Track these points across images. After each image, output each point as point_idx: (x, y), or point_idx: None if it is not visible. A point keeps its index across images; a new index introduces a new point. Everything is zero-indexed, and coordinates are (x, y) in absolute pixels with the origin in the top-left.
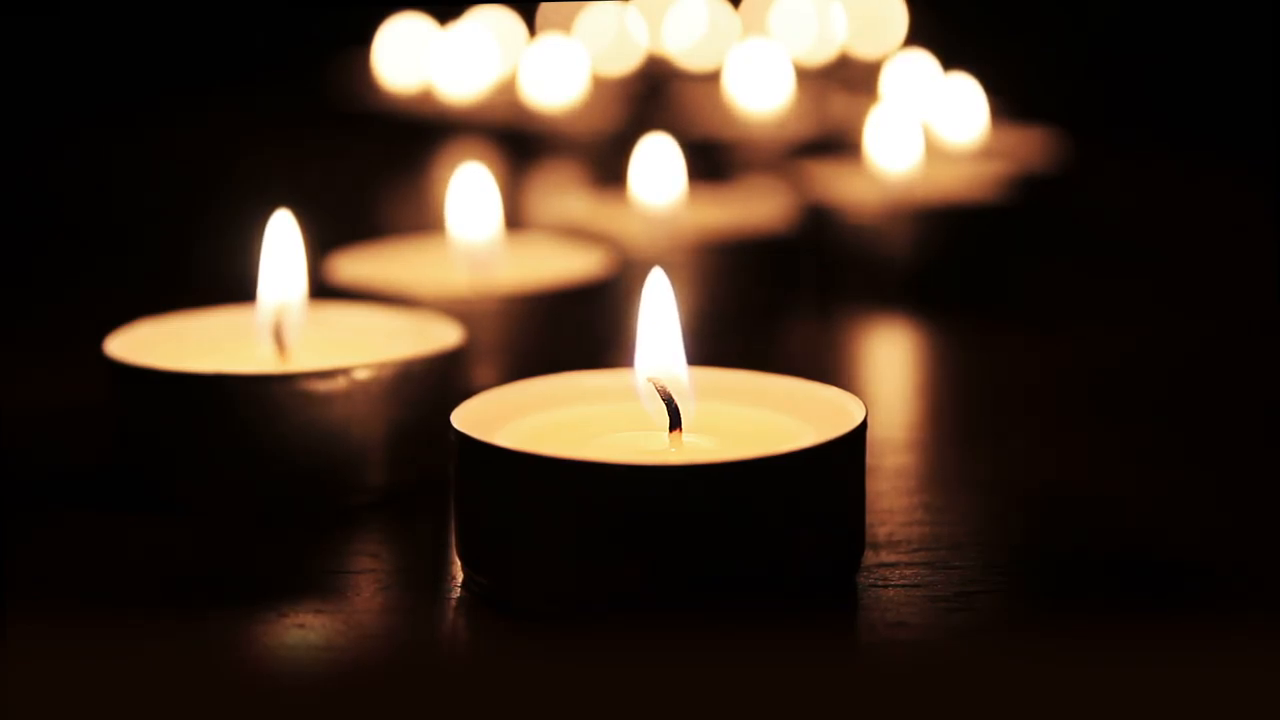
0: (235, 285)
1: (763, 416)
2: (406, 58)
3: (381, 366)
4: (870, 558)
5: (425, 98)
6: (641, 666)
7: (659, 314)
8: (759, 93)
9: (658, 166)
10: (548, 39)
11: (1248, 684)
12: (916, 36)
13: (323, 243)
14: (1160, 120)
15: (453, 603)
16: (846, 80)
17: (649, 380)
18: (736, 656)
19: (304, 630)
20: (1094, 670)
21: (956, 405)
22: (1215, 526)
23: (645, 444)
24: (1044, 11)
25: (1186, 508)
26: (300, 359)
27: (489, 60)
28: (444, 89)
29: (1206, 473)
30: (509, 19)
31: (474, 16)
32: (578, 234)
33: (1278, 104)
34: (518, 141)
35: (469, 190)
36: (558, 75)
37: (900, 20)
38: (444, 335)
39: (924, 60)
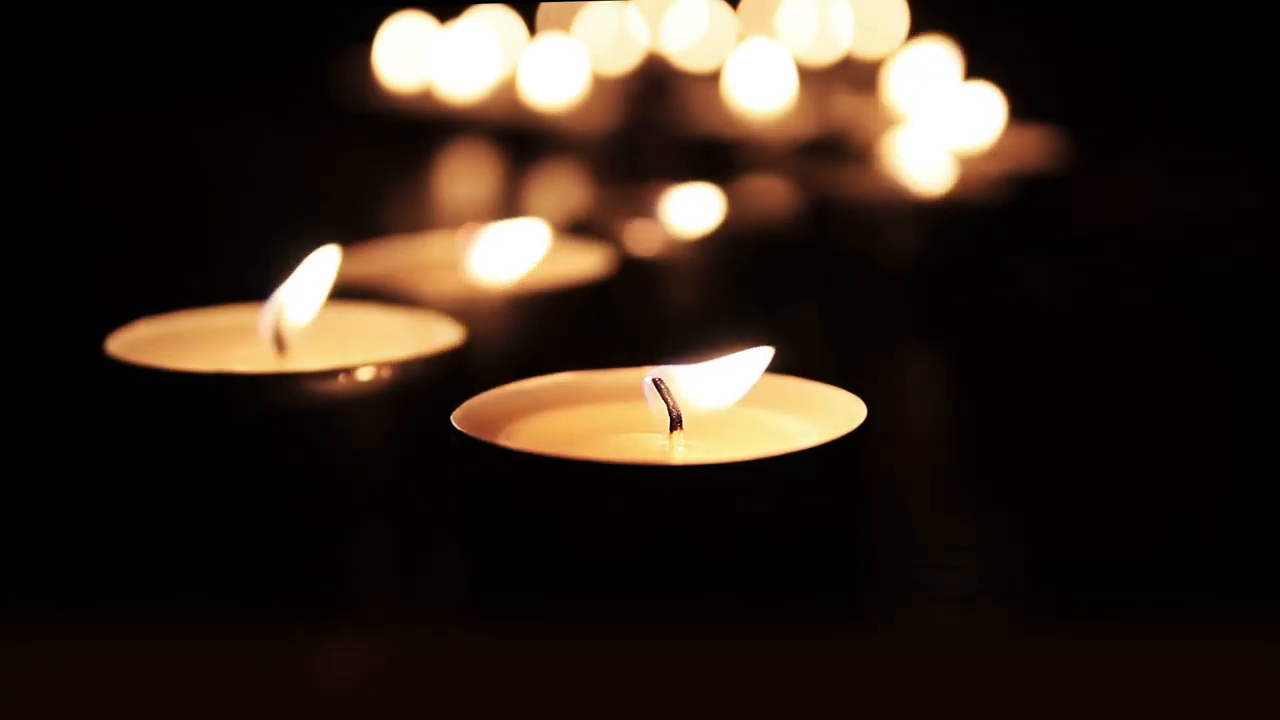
0: (235, 285)
1: (763, 416)
2: (407, 57)
3: (381, 366)
4: (871, 558)
5: (426, 97)
6: (641, 667)
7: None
8: (762, 92)
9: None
10: (548, 39)
11: (1248, 684)
12: (917, 37)
13: (323, 243)
14: (1161, 120)
15: (454, 603)
16: (849, 79)
17: (651, 380)
18: (737, 656)
19: (305, 630)
20: (1095, 670)
21: (958, 405)
22: (1215, 526)
23: (645, 444)
24: (1044, 11)
25: (1187, 508)
26: (300, 359)
27: (489, 59)
28: (444, 88)
29: (1207, 473)
30: (509, 18)
31: (474, 16)
32: (578, 234)
33: (1278, 104)
34: (518, 140)
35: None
36: (558, 74)
37: (901, 20)
38: (444, 335)
39: (936, 57)
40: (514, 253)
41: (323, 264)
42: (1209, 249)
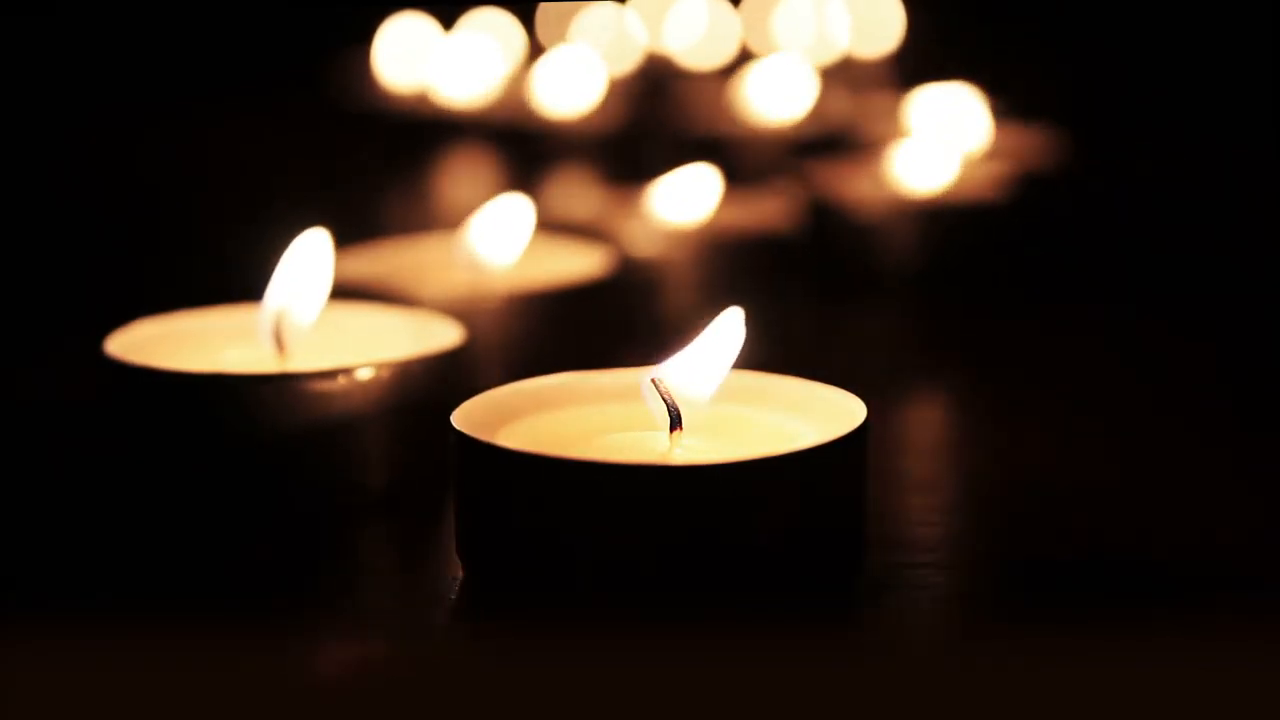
0: (235, 285)
1: (763, 416)
2: (407, 57)
3: (381, 366)
4: (870, 558)
5: (426, 97)
6: (642, 667)
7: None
8: (770, 94)
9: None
10: (563, 48)
11: (1247, 684)
12: (913, 36)
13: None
14: (1161, 119)
15: (453, 603)
16: (849, 79)
17: (651, 380)
18: (736, 656)
19: (304, 630)
20: (1093, 670)
21: (958, 405)
22: (1215, 527)
23: (645, 444)
24: (1043, 10)
25: (1187, 508)
26: (300, 359)
27: (489, 61)
28: (445, 89)
29: (1208, 474)
30: (507, 19)
31: (474, 17)
32: (578, 234)
33: (1278, 103)
34: (519, 141)
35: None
36: (567, 81)
37: (897, 21)
38: (444, 335)
39: (954, 91)
40: (506, 238)
41: (314, 255)
42: (1209, 249)
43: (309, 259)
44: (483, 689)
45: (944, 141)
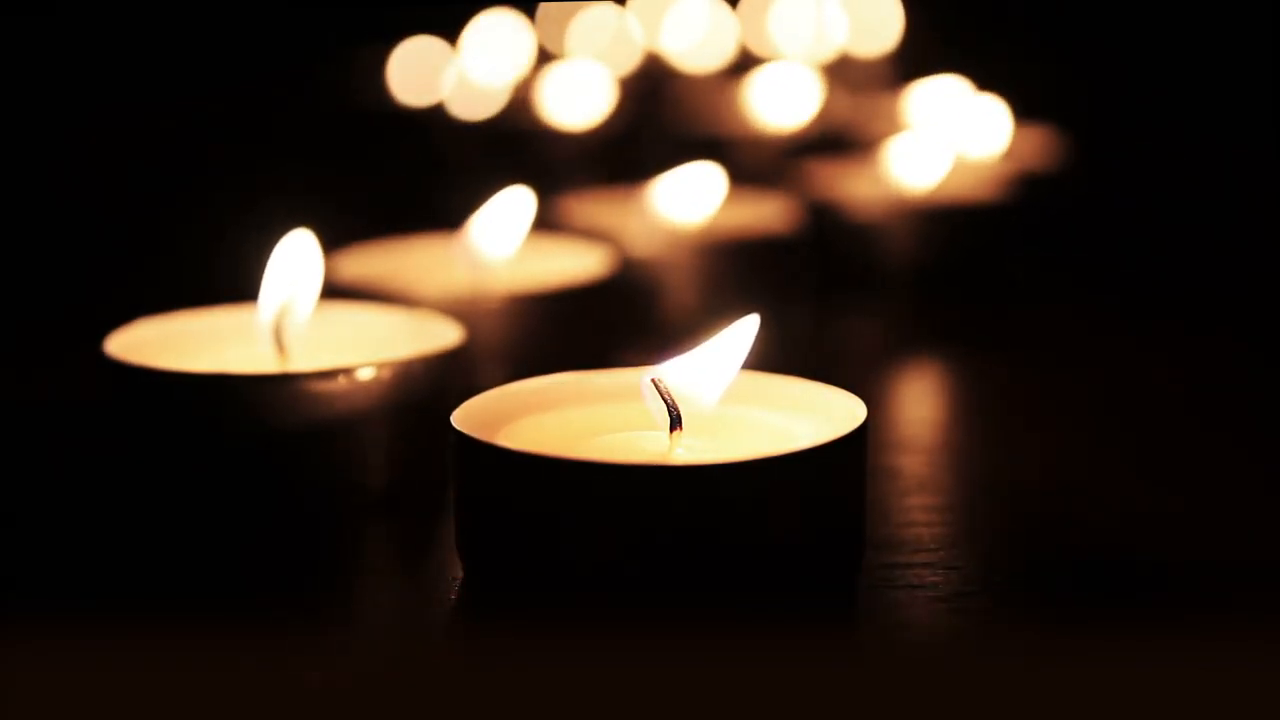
0: (235, 285)
1: (763, 416)
2: (412, 57)
3: (381, 366)
4: (870, 558)
5: (429, 97)
6: (641, 667)
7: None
8: (772, 99)
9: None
10: (568, 60)
11: (1246, 684)
12: (912, 36)
13: (325, 242)
14: (1161, 119)
15: (453, 603)
16: (847, 79)
17: (651, 380)
18: (736, 656)
19: (304, 631)
20: (1093, 670)
21: (957, 406)
22: (1213, 528)
23: (645, 444)
24: (1042, 10)
25: (1185, 509)
26: (300, 359)
27: (493, 62)
28: (447, 89)
29: (1205, 477)
30: (512, 19)
31: (479, 18)
32: (578, 234)
33: (1278, 103)
34: (519, 141)
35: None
36: (571, 92)
37: (896, 20)
38: (444, 335)
39: (952, 85)
40: (506, 235)
41: (303, 254)
42: (1209, 248)
43: (298, 258)
44: (483, 689)
45: (942, 140)
